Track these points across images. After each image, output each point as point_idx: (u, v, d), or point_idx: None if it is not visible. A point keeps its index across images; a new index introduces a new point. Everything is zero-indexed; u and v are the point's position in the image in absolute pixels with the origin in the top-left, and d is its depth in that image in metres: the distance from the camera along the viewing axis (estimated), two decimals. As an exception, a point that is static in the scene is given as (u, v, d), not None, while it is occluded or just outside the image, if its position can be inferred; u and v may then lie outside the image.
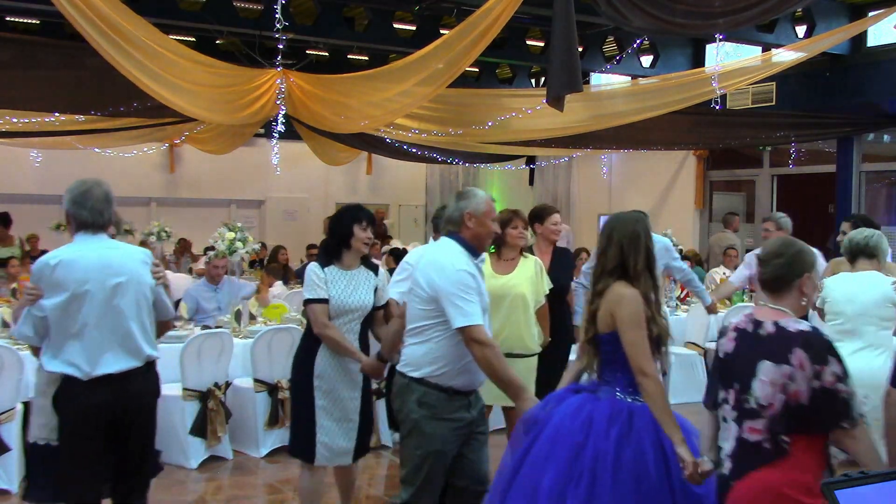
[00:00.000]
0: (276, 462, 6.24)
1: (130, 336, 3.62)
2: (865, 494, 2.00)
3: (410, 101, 8.09)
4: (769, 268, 2.94)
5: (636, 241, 3.43)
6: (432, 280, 3.64)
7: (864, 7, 10.54)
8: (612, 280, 3.40)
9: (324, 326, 4.30)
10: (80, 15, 5.79)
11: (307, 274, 4.40)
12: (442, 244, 3.82)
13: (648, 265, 3.43)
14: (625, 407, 3.34)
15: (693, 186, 14.24)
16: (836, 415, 2.71)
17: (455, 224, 3.79)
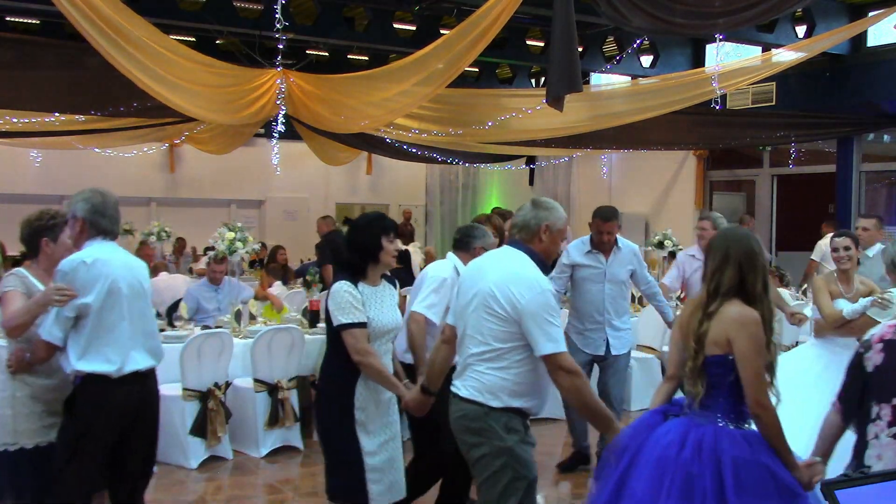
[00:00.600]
0: (276, 462, 6.23)
1: (153, 336, 3.83)
2: (865, 494, 2.00)
3: (410, 100, 8.09)
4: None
5: (754, 259, 3.09)
6: (513, 297, 3.27)
7: (864, 7, 10.54)
8: (725, 301, 3.08)
9: (366, 354, 3.78)
10: (81, 15, 5.79)
11: (340, 295, 3.79)
12: (513, 255, 3.44)
13: (765, 286, 3.12)
14: (736, 434, 3.03)
15: (693, 186, 14.24)
16: None
17: (528, 233, 3.45)
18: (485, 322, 3.33)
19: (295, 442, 6.44)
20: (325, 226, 10.76)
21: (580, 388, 3.31)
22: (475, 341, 3.37)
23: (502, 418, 3.33)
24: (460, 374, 3.47)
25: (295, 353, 6.42)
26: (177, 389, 5.97)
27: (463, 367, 3.44)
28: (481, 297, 3.35)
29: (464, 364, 3.43)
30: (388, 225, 3.95)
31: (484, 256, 3.69)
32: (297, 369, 6.49)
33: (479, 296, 3.36)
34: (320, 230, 10.82)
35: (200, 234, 12.86)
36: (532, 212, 3.48)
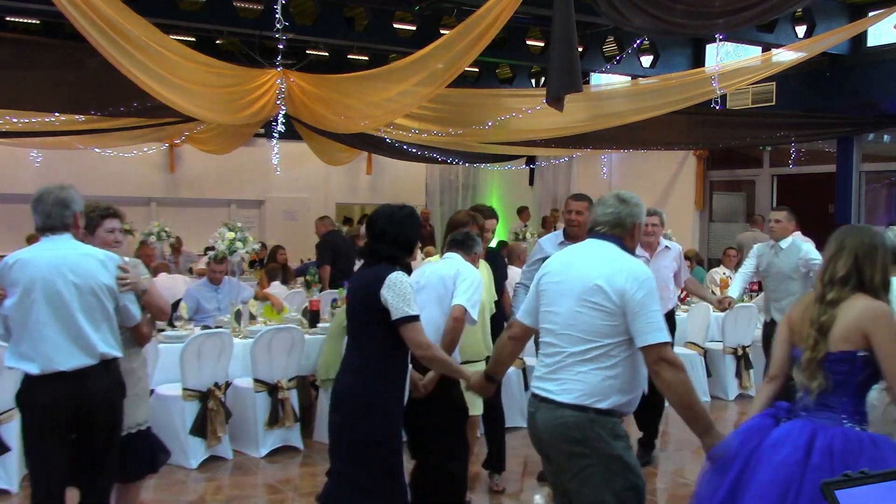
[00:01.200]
0: (276, 462, 6.23)
1: (83, 334, 3.64)
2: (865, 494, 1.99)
3: (410, 100, 8.09)
4: None
5: (873, 252, 3.06)
6: (624, 289, 3.11)
7: (864, 7, 10.54)
8: (846, 291, 3.02)
9: (430, 346, 3.68)
10: (81, 15, 5.79)
11: (404, 286, 3.61)
12: (607, 248, 3.31)
13: (885, 283, 3.06)
14: (865, 437, 2.92)
15: (693, 186, 14.24)
16: None
17: (623, 230, 3.35)
18: (587, 318, 3.15)
19: (295, 442, 6.44)
20: (323, 226, 10.78)
21: (685, 382, 3.09)
22: (574, 339, 3.17)
23: (608, 423, 3.15)
24: (548, 377, 3.24)
25: (295, 353, 6.42)
26: (177, 389, 5.97)
27: (554, 370, 3.22)
28: (582, 292, 3.17)
29: (555, 366, 3.21)
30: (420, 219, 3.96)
31: (568, 252, 3.46)
32: (297, 369, 6.49)
33: (579, 291, 3.18)
34: (319, 231, 10.83)
35: (200, 234, 12.85)
36: (623, 207, 3.37)
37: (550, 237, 5.83)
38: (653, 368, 3.11)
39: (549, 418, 3.19)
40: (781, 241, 6.60)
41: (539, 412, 3.24)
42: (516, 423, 6.97)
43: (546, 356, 3.28)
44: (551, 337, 3.26)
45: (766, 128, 11.41)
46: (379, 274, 3.65)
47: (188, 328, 6.64)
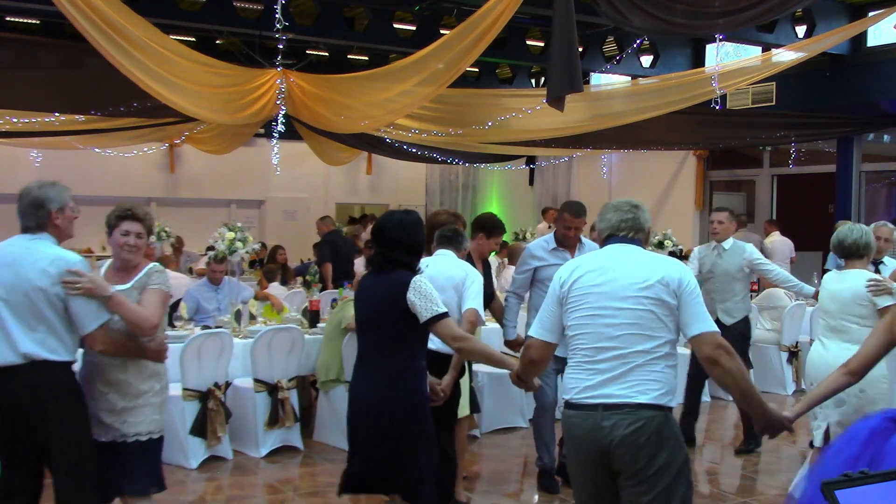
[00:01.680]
0: (276, 462, 6.23)
1: (6, 332, 3.54)
2: (865, 494, 1.99)
3: (411, 101, 8.09)
4: None
5: None
6: (681, 280, 3.14)
7: (864, 7, 10.54)
8: None
9: (465, 337, 3.83)
10: (81, 15, 5.79)
11: (426, 286, 3.73)
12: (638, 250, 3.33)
13: None
14: None
15: (693, 186, 14.25)
16: None
17: (643, 233, 3.38)
18: (651, 316, 3.11)
19: (295, 442, 6.45)
20: (324, 226, 10.80)
21: (742, 369, 3.10)
22: (640, 338, 3.10)
23: (674, 423, 3.15)
24: (612, 382, 3.10)
25: (295, 353, 6.42)
26: (177, 389, 5.97)
27: (620, 373, 3.10)
28: (641, 290, 3.13)
29: (619, 369, 3.10)
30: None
31: (598, 257, 3.36)
32: (297, 369, 6.49)
33: (637, 290, 3.14)
34: (320, 231, 10.84)
35: (200, 234, 12.85)
36: (643, 215, 3.38)
37: (540, 243, 5.74)
38: (711, 356, 3.08)
39: (624, 423, 3.05)
40: (724, 242, 6.58)
41: (607, 420, 3.07)
42: (516, 424, 6.97)
43: (600, 362, 3.14)
44: (605, 341, 3.14)
45: (766, 128, 11.41)
46: (402, 279, 3.73)
47: (188, 328, 6.64)
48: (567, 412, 3.21)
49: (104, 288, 3.61)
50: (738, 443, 6.85)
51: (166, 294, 3.87)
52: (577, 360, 3.20)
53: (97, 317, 3.60)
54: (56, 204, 3.67)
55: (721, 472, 6.09)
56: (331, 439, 6.54)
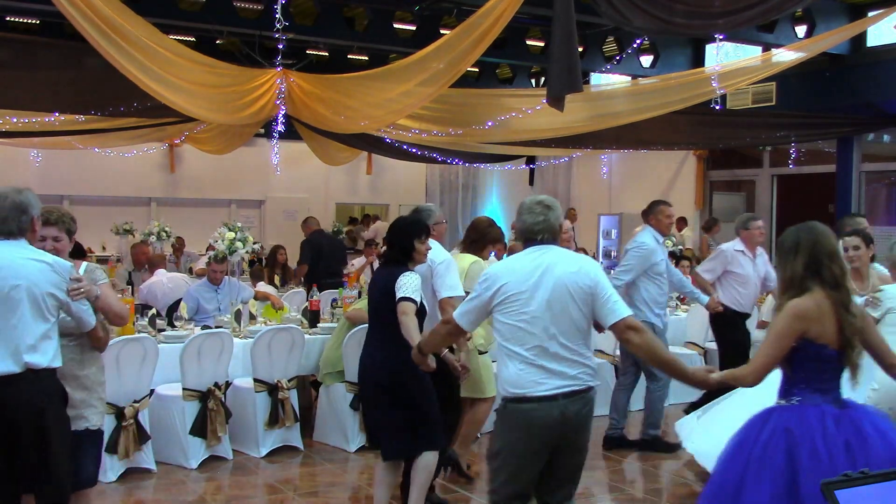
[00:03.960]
0: (276, 462, 6.23)
1: (11, 340, 3.52)
2: (865, 494, 2.00)
3: (412, 101, 8.08)
4: None
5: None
6: (596, 276, 3.62)
7: (864, 7, 10.55)
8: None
9: (403, 314, 4.49)
10: (80, 15, 5.79)
11: (410, 280, 4.52)
12: (555, 249, 3.69)
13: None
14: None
15: (693, 186, 14.26)
16: None
17: (554, 234, 3.71)
18: (578, 309, 3.53)
19: (295, 442, 6.45)
20: (307, 227, 10.81)
21: (651, 341, 3.58)
22: (577, 333, 3.55)
23: None
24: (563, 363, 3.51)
25: (295, 353, 6.42)
26: (177, 389, 5.97)
27: (564, 357, 3.51)
28: (566, 287, 3.52)
29: (564, 355, 3.51)
30: (422, 229, 4.75)
31: (523, 260, 3.64)
32: (297, 369, 6.49)
33: (563, 287, 3.52)
34: (304, 232, 10.85)
35: (200, 234, 12.86)
36: (553, 214, 3.66)
37: (651, 237, 6.44)
38: (623, 337, 3.56)
39: (583, 405, 3.57)
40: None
41: (575, 406, 3.52)
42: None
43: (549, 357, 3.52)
44: (548, 339, 3.53)
45: (766, 128, 11.41)
46: (394, 274, 4.58)
47: (188, 328, 6.64)
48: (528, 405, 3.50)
49: (95, 289, 3.80)
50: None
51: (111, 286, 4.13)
52: (525, 356, 3.51)
53: (92, 313, 3.80)
54: (36, 210, 3.71)
55: (721, 472, 6.08)
56: (331, 439, 6.54)
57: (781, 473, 3.09)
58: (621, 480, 6.08)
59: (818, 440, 3.11)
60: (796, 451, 3.11)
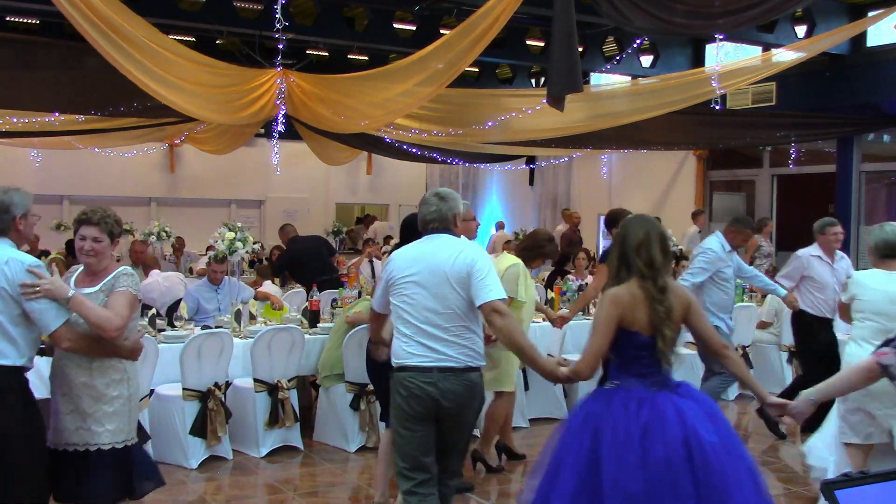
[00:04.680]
0: (276, 462, 6.23)
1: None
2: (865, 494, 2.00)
3: (411, 101, 8.09)
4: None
5: (664, 239, 3.60)
6: (473, 260, 3.89)
7: (864, 7, 10.55)
8: (664, 277, 3.53)
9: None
10: (81, 15, 5.79)
11: None
12: (444, 238, 4.01)
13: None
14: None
15: (693, 186, 14.25)
16: None
17: (447, 222, 4.06)
18: (455, 294, 3.79)
19: (295, 442, 6.44)
20: (285, 235, 10.70)
21: (510, 326, 3.75)
22: (453, 315, 3.81)
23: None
24: (441, 343, 3.80)
25: (295, 353, 6.42)
26: (177, 389, 5.97)
27: (443, 338, 3.80)
28: (446, 272, 3.80)
29: (442, 336, 3.81)
30: None
31: (414, 249, 3.98)
32: (297, 369, 6.49)
33: (443, 273, 3.81)
34: (283, 239, 10.76)
35: (200, 234, 12.86)
36: (446, 205, 3.96)
37: (718, 244, 6.53)
38: (488, 319, 3.75)
39: (460, 383, 3.80)
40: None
41: (446, 380, 3.78)
42: (517, 423, 6.97)
43: (427, 335, 3.82)
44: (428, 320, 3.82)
45: (766, 128, 11.41)
46: None
47: (188, 328, 6.64)
48: (406, 373, 3.84)
49: (63, 290, 3.56)
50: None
51: (133, 296, 3.78)
52: (407, 334, 3.87)
53: (58, 315, 3.55)
54: (20, 209, 3.65)
55: (721, 472, 6.08)
56: (331, 439, 6.54)
57: (586, 455, 3.28)
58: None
59: (619, 422, 3.26)
60: (600, 433, 3.29)
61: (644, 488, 3.13)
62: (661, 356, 3.36)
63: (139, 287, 3.88)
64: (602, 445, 3.24)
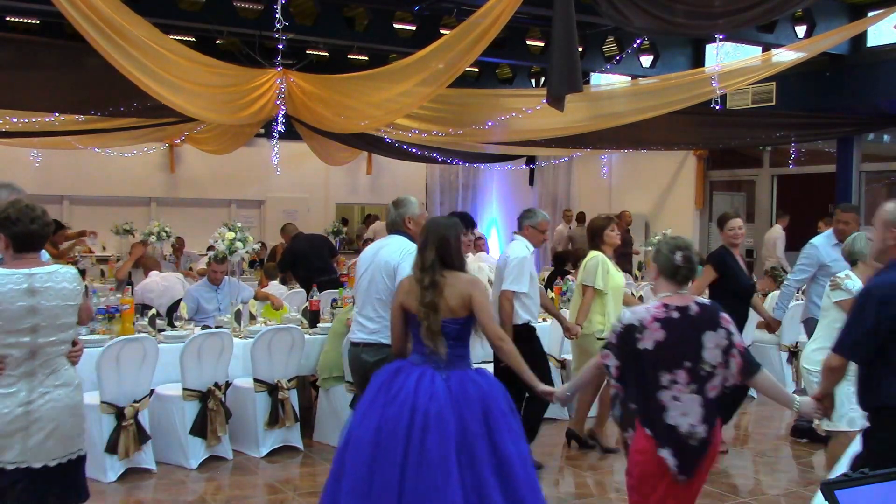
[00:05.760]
0: (276, 462, 6.23)
1: None
2: (865, 494, 2.00)
3: (411, 101, 8.09)
4: (691, 268, 3.56)
5: (447, 242, 4.03)
6: (399, 262, 4.65)
7: (864, 7, 10.55)
8: (439, 274, 3.97)
9: None
10: (80, 15, 5.79)
11: None
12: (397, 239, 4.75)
13: (461, 260, 4.15)
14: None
15: (693, 186, 14.25)
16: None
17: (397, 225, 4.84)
18: (385, 286, 4.57)
19: (295, 442, 6.44)
20: (286, 235, 10.66)
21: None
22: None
23: None
24: (372, 321, 4.64)
25: (295, 353, 6.42)
26: (177, 389, 5.97)
27: (374, 318, 4.62)
28: (386, 267, 4.60)
29: (373, 316, 4.64)
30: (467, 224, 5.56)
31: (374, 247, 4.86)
32: (297, 369, 6.49)
33: (386, 267, 4.60)
34: (285, 239, 10.73)
35: (200, 234, 12.86)
36: (396, 211, 4.79)
37: (825, 240, 6.42)
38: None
39: (379, 355, 4.45)
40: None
41: (367, 352, 4.61)
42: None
43: (369, 315, 4.67)
44: (370, 302, 4.68)
45: (766, 128, 11.41)
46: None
47: (188, 328, 6.63)
48: (350, 347, 4.88)
49: None
50: (737, 442, 6.88)
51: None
52: (356, 315, 4.79)
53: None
54: None
55: (721, 471, 6.08)
56: (331, 439, 6.53)
57: (374, 419, 3.77)
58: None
59: (384, 384, 3.85)
60: (378, 398, 3.84)
61: (368, 440, 3.70)
62: (424, 336, 3.86)
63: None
64: (364, 401, 3.90)
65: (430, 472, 3.59)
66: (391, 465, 3.62)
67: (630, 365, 3.45)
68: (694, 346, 3.41)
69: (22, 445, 3.43)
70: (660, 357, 3.39)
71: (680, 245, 3.55)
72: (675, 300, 3.50)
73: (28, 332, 3.41)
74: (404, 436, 3.64)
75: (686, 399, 3.38)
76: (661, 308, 3.46)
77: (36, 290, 3.43)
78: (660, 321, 3.42)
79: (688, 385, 3.38)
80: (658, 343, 3.39)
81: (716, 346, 3.43)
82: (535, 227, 6.00)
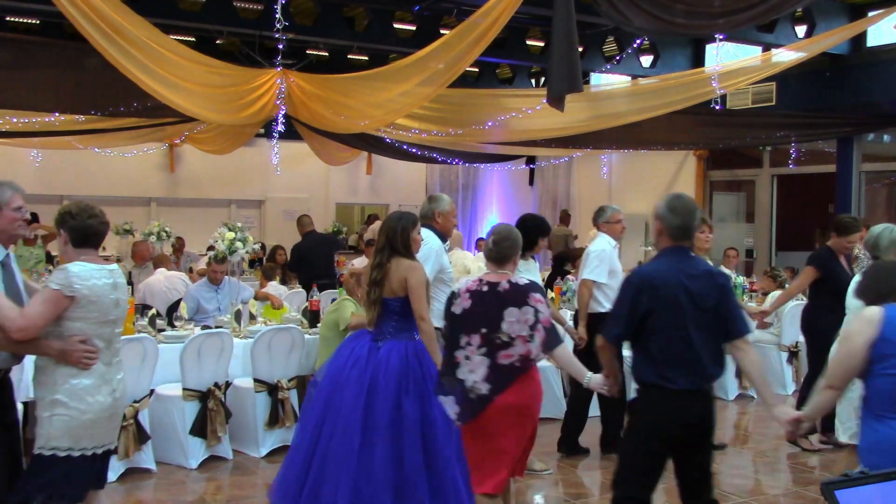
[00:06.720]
0: (276, 462, 6.21)
1: None
2: (865, 494, 2.00)
3: (411, 101, 8.08)
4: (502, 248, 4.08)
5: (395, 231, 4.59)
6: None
7: (864, 7, 10.54)
8: (386, 257, 4.56)
9: None
10: (81, 15, 5.79)
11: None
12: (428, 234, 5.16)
13: (407, 247, 4.61)
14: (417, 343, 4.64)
15: (693, 186, 14.24)
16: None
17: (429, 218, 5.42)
18: None
19: (295, 442, 6.44)
20: (303, 228, 10.62)
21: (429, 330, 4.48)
22: None
23: None
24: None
25: (295, 353, 6.42)
26: (177, 389, 5.97)
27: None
28: None
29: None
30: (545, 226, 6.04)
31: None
32: (297, 369, 6.48)
33: None
34: (301, 231, 10.68)
35: (200, 234, 12.86)
36: (427, 205, 5.37)
37: None
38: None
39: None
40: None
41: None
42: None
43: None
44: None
45: (766, 128, 11.40)
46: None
47: (188, 328, 6.64)
48: None
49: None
50: (738, 442, 6.87)
51: (55, 293, 3.47)
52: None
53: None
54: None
55: (721, 472, 6.09)
56: (331, 439, 6.53)
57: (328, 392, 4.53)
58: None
59: (342, 350, 4.68)
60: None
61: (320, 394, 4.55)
62: (365, 306, 4.61)
63: (71, 282, 3.50)
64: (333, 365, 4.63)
65: (340, 421, 4.34)
66: (315, 415, 4.48)
67: (447, 325, 4.06)
68: (494, 317, 3.91)
69: (108, 429, 3.73)
70: (463, 321, 3.97)
71: (495, 231, 4.17)
72: (492, 277, 4.04)
73: (112, 324, 3.67)
74: (329, 391, 4.48)
75: (475, 360, 3.91)
76: (476, 282, 4.04)
77: (118, 284, 3.68)
78: (470, 292, 4.01)
79: (479, 348, 3.91)
80: (464, 310, 3.98)
81: (517, 321, 3.89)
82: (607, 221, 6.34)
